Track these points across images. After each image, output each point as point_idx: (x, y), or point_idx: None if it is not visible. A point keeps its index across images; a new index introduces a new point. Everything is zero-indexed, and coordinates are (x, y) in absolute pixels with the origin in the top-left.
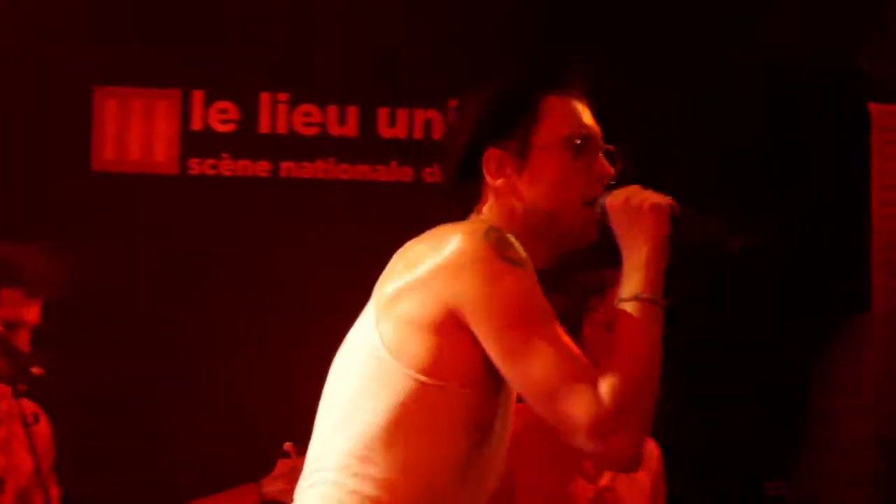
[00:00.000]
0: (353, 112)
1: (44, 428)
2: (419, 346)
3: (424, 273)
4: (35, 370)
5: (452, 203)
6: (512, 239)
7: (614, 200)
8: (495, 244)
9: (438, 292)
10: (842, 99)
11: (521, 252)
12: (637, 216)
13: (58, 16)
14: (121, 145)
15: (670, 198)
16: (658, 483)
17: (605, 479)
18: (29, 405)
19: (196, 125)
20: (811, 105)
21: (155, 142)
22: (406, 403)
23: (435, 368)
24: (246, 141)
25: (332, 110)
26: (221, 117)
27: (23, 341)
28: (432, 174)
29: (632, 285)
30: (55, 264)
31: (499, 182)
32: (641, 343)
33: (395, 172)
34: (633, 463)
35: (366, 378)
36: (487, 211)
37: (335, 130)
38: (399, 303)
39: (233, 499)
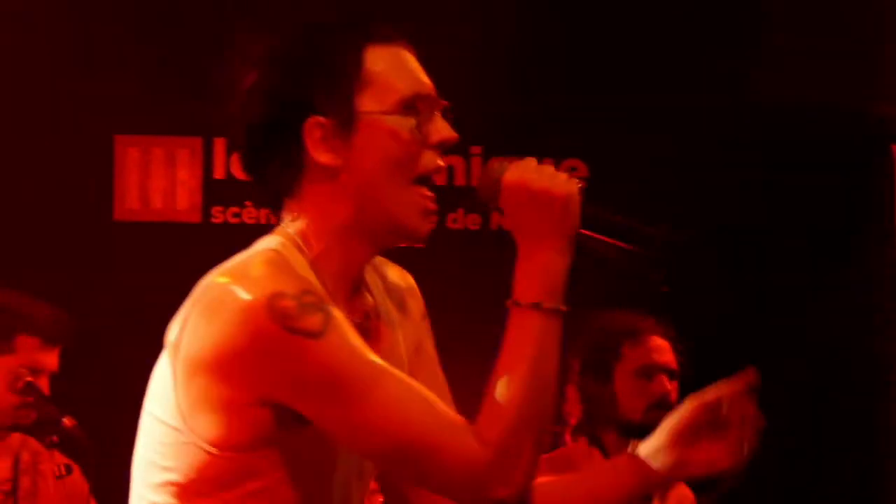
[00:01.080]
0: None
1: (78, 481)
2: (217, 417)
3: (216, 351)
4: (67, 421)
5: (260, 192)
6: (306, 294)
7: (512, 179)
8: (285, 318)
9: (234, 377)
10: (863, 141)
11: (318, 309)
12: (539, 206)
13: (81, 62)
14: (143, 194)
15: (579, 181)
16: None
17: None
18: (60, 457)
19: (218, 173)
20: (831, 148)
21: (177, 190)
22: (200, 479)
23: (234, 441)
24: None
25: None
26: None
27: (43, 388)
28: (455, 221)
29: (530, 289)
30: (71, 313)
31: (324, 158)
32: (538, 360)
33: None
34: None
35: (159, 446)
36: (304, 198)
37: None
38: (194, 376)
39: None
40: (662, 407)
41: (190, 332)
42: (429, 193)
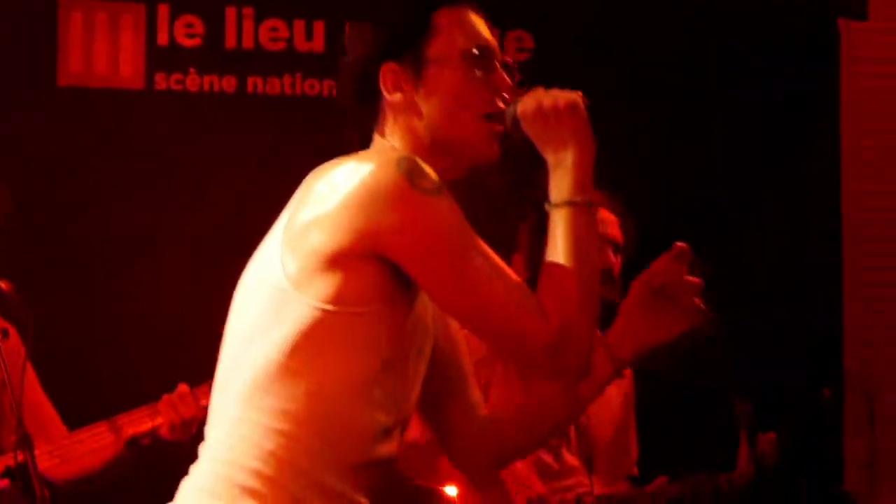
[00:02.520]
0: (319, 27)
1: (16, 345)
2: (325, 278)
3: (336, 206)
4: (2, 284)
5: (354, 124)
6: (424, 166)
7: (525, 107)
8: (407, 174)
9: (352, 226)
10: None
11: (434, 177)
12: (554, 118)
13: None
14: (86, 59)
15: (579, 92)
16: (629, 403)
17: None
18: None
19: (162, 40)
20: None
21: (120, 56)
22: (305, 332)
23: (338, 298)
24: (212, 56)
25: (299, 25)
26: (187, 31)
27: None
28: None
29: (562, 190)
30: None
31: (396, 97)
32: (579, 250)
33: None
34: (584, 373)
35: (267, 309)
36: (389, 131)
37: (302, 46)
38: (307, 235)
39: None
40: (607, 278)
41: (304, 203)
42: (493, 126)
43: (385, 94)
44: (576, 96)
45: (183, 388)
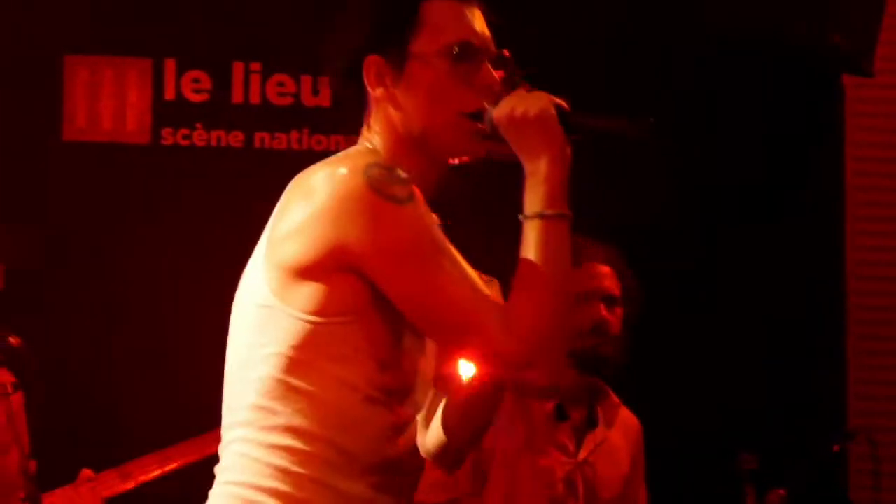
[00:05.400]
0: (326, 82)
1: (18, 398)
2: (305, 290)
3: (307, 218)
4: (12, 340)
5: (342, 113)
6: (395, 171)
7: (500, 112)
8: (376, 182)
9: (322, 237)
10: (813, 73)
11: (405, 184)
12: (526, 127)
13: None
14: (92, 115)
15: (557, 98)
16: (637, 457)
17: (583, 453)
18: (5, 375)
19: (168, 95)
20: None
21: (127, 111)
22: (298, 346)
23: (322, 309)
24: (219, 111)
25: (306, 80)
26: (194, 87)
27: None
28: None
29: (534, 202)
30: (19, 233)
31: (378, 92)
32: (550, 264)
33: None
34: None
35: (257, 328)
36: (373, 123)
37: (309, 101)
38: (283, 247)
39: None
40: (598, 333)
41: (281, 216)
42: (473, 124)
43: (367, 87)
44: (548, 104)
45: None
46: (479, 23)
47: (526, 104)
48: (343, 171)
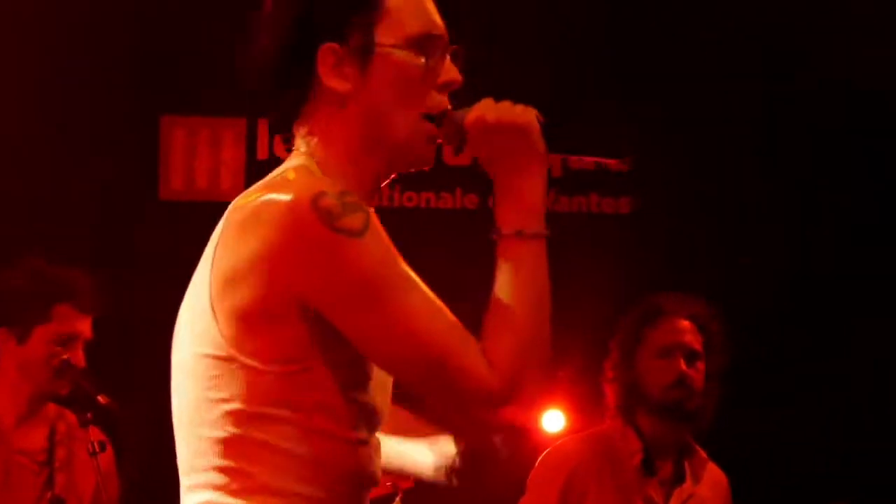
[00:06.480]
0: None
1: (107, 456)
2: (265, 337)
3: (255, 256)
4: (102, 399)
5: (269, 116)
6: (346, 196)
7: (473, 121)
8: (327, 217)
9: (276, 280)
10: None
11: (358, 210)
12: (506, 136)
13: (131, 44)
14: (188, 174)
15: (533, 109)
16: None
17: None
18: (95, 433)
19: (262, 154)
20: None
21: (221, 170)
22: (263, 400)
23: (285, 356)
24: None
25: None
26: (286, 145)
27: (77, 356)
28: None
29: (511, 219)
30: (105, 284)
31: (335, 84)
32: (528, 288)
33: (460, 200)
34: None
35: (210, 381)
36: (316, 125)
37: None
38: (234, 290)
39: None
40: (681, 387)
41: (224, 251)
42: (432, 128)
43: (324, 79)
44: (531, 115)
45: None
46: (434, 11)
47: (508, 113)
48: (288, 199)
